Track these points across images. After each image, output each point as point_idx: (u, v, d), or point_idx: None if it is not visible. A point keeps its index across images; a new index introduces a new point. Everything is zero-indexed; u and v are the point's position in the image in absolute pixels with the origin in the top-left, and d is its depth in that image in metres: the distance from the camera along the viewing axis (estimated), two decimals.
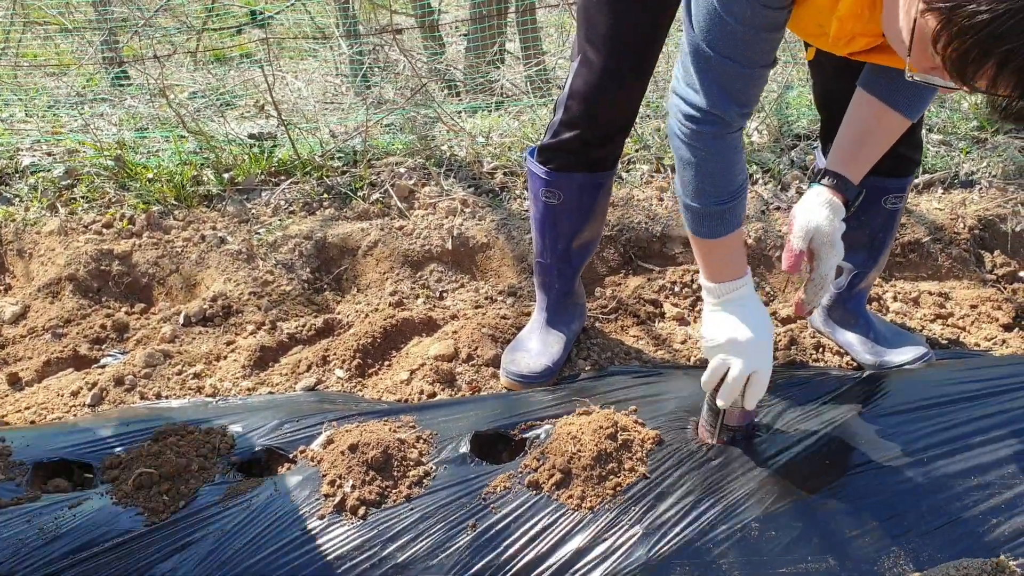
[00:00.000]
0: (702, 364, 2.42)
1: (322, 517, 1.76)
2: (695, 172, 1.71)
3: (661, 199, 3.12)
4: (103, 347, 2.62)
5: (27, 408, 2.29)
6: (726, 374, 1.79)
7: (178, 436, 1.94)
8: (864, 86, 1.81)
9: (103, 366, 2.46)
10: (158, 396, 2.33)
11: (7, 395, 2.39)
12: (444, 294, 2.92)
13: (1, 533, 1.72)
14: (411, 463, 1.86)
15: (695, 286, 2.75)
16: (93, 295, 2.89)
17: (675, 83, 1.69)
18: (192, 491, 1.81)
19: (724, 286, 1.80)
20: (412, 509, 1.78)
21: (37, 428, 2.10)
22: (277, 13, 4.98)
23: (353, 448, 1.84)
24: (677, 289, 2.75)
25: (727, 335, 1.78)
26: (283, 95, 4.10)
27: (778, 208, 3.11)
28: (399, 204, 3.20)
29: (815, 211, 1.78)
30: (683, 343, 2.51)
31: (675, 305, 2.70)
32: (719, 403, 1.82)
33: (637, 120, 3.59)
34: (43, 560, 1.68)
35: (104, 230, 3.10)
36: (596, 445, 1.84)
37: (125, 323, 2.72)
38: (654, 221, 3.01)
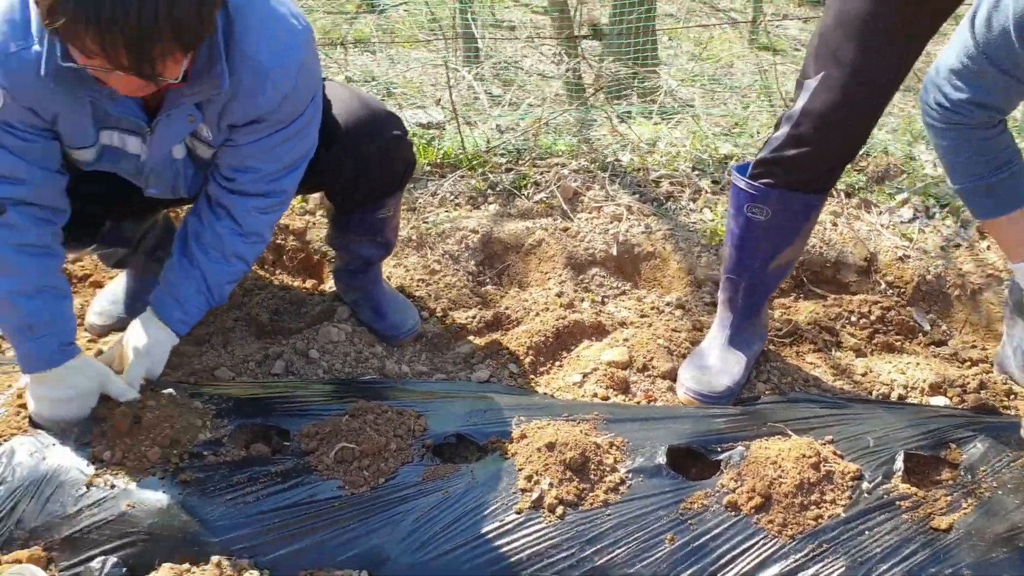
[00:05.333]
0: (884, 399, 2.36)
1: (520, 511, 1.77)
2: (944, 155, 1.84)
3: (835, 224, 3.05)
4: (281, 319, 2.69)
5: (214, 368, 2.37)
6: None
7: (374, 415, 1.97)
8: None
9: (287, 338, 2.53)
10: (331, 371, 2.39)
11: (193, 355, 2.47)
12: (606, 299, 2.91)
13: (214, 491, 1.78)
14: (607, 468, 1.85)
15: (873, 317, 2.68)
16: (268, 268, 2.97)
17: (938, 76, 1.75)
18: (392, 470, 1.84)
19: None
20: (609, 515, 1.77)
21: (236, 388, 2.15)
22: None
23: (551, 446, 1.85)
24: (855, 319, 2.68)
25: None
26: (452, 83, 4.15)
27: (958, 246, 3.00)
28: (564, 205, 3.21)
29: None
30: (864, 375, 2.44)
31: (852, 335, 2.63)
32: None
33: None
34: (255, 518, 1.74)
35: None
36: (799, 473, 1.80)
37: (301, 298, 2.79)
38: (829, 246, 2.94)
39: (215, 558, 1.69)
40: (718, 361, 2.34)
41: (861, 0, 1.90)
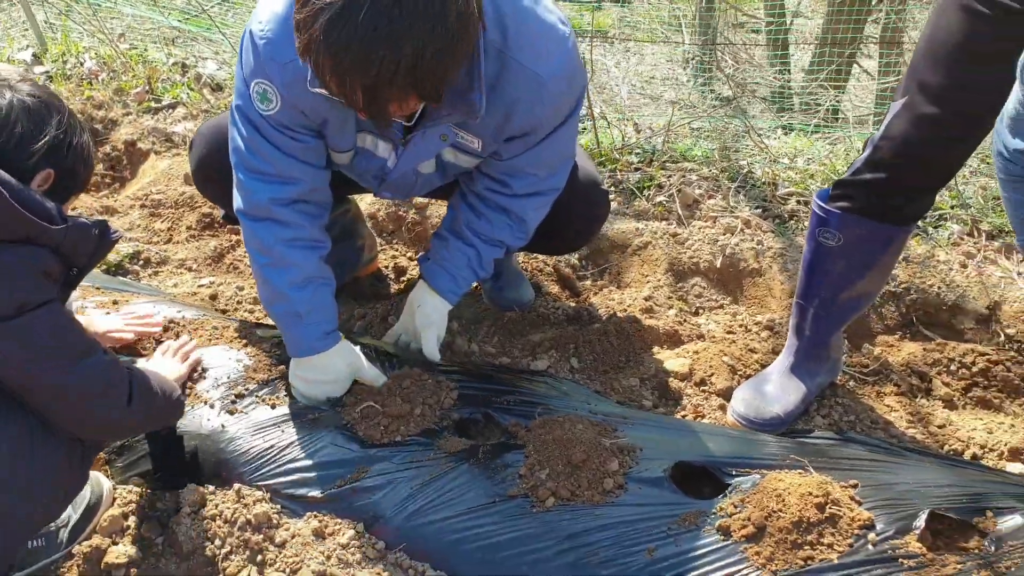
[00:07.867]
0: (957, 455, 2.20)
1: (511, 496, 1.83)
2: (1008, 209, 1.55)
3: (964, 265, 2.83)
4: (381, 285, 2.87)
5: None
6: None
7: (412, 380, 2.08)
8: None
9: (378, 303, 2.71)
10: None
11: None
12: (700, 311, 2.87)
13: (256, 424, 1.98)
14: (609, 471, 1.87)
15: (975, 369, 2.48)
16: (386, 236, 3.17)
17: (1000, 123, 1.49)
18: (407, 434, 1.95)
19: None
20: (598, 515, 1.79)
21: None
22: None
23: (560, 441, 1.89)
24: (953, 368, 2.49)
25: None
26: (602, 82, 4.20)
27: None
28: (680, 211, 3.18)
29: None
30: (941, 427, 2.28)
31: (946, 384, 2.45)
32: None
33: (963, 174, 3.27)
34: (277, 453, 1.93)
35: None
36: (800, 510, 1.74)
37: (404, 267, 2.97)
38: (949, 288, 2.74)
39: (236, 485, 1.88)
40: (776, 388, 2.26)
41: (956, 23, 1.76)
